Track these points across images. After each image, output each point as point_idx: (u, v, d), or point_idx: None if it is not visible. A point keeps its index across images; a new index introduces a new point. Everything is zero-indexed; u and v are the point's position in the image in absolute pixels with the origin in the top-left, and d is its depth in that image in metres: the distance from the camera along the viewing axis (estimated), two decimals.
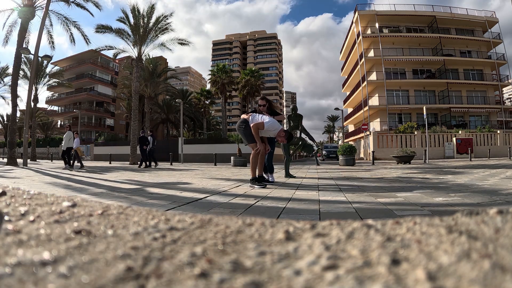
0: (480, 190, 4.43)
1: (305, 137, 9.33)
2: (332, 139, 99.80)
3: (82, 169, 13.71)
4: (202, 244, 0.77)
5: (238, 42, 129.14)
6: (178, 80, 60.05)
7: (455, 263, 0.59)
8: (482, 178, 6.61)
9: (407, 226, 0.85)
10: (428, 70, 42.09)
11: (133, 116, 23.38)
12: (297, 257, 0.67)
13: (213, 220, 0.99)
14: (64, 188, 5.57)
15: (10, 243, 0.78)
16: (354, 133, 48.27)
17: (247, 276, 0.57)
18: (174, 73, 55.55)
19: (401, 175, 8.27)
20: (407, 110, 40.55)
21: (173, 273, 0.59)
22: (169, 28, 24.36)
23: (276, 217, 2.78)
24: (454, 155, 25.11)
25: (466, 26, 42.51)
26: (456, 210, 2.87)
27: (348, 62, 51.84)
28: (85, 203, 1.28)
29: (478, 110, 40.11)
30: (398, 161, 17.27)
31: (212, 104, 53.78)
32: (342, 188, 5.22)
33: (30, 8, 18.44)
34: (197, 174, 9.81)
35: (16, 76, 18.82)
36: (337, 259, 0.64)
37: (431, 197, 3.89)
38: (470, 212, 0.92)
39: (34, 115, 32.64)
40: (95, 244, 0.77)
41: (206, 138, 34.66)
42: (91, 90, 59.11)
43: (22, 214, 1.10)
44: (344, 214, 2.95)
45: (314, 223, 0.92)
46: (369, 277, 0.55)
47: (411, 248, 0.69)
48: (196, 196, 4.30)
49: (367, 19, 43.42)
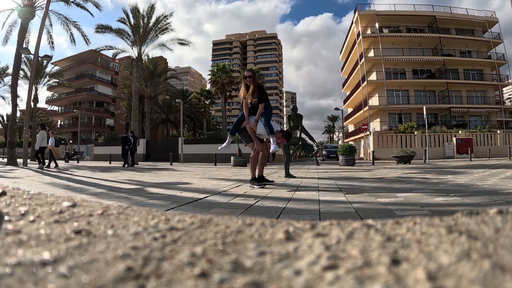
0: (480, 190, 4.43)
1: (305, 137, 9.33)
2: (332, 139, 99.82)
3: (56, 168, 13.67)
4: (202, 244, 0.77)
5: (238, 42, 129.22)
6: (178, 80, 60.06)
7: (455, 263, 0.59)
8: (482, 178, 6.61)
9: (407, 226, 0.85)
10: (428, 70, 42.10)
11: (133, 116, 23.41)
12: (297, 257, 0.67)
13: (213, 220, 0.99)
14: (64, 188, 5.56)
15: (10, 243, 0.78)
16: (354, 133, 48.28)
17: (247, 276, 0.57)
18: (174, 73, 55.62)
19: (401, 175, 8.27)
20: (407, 110, 40.55)
21: (173, 273, 0.59)
22: (169, 28, 24.42)
23: (276, 217, 2.78)
24: (454, 155, 25.11)
25: (466, 26, 42.51)
26: (456, 210, 2.87)
27: (348, 62, 51.84)
28: (85, 203, 1.28)
29: (478, 110, 40.11)
30: (398, 161, 17.27)
31: (212, 104, 53.70)
32: (342, 188, 5.22)
33: (30, 8, 18.46)
34: (197, 174, 9.81)
35: (16, 76, 18.84)
36: (337, 259, 0.64)
37: (431, 197, 3.89)
38: (470, 212, 0.92)
39: (34, 115, 32.65)
40: (95, 244, 0.77)
41: (206, 138, 34.63)
42: (91, 90, 59.10)
43: (22, 214, 1.10)
44: (344, 214, 2.95)
45: (314, 223, 0.92)
46: (369, 277, 0.55)
47: (411, 248, 0.69)
48: (196, 196, 4.30)
49: (367, 19, 43.42)
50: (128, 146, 17.61)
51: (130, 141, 17.80)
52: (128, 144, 17.65)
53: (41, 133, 14.14)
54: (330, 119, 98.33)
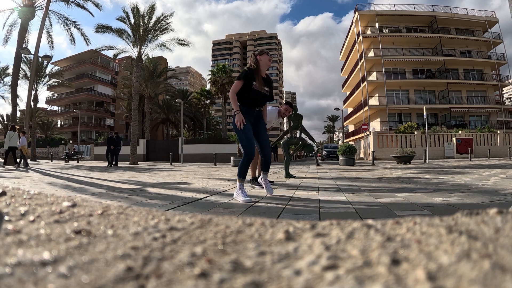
0: (480, 190, 4.43)
1: (305, 137, 9.32)
2: (332, 139, 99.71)
3: (27, 168, 13.64)
4: (202, 244, 0.76)
5: (238, 42, 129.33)
6: (178, 80, 60.08)
7: (455, 263, 0.58)
8: (482, 178, 6.61)
9: (407, 226, 0.84)
10: (428, 70, 42.11)
11: (133, 116, 23.36)
12: (297, 257, 0.67)
13: (213, 220, 0.99)
14: (64, 188, 5.56)
15: (10, 243, 0.78)
16: (354, 133, 48.28)
17: (247, 276, 0.57)
18: (174, 73, 55.53)
19: (401, 175, 8.27)
20: (407, 110, 40.56)
21: (173, 273, 0.59)
22: (169, 28, 24.34)
23: (276, 217, 2.78)
24: (454, 155, 25.10)
25: (466, 26, 42.52)
26: (456, 210, 2.87)
27: (348, 62, 51.84)
28: (85, 203, 1.28)
29: (478, 110, 40.12)
30: (398, 161, 17.26)
31: (212, 104, 53.65)
32: (342, 188, 5.22)
33: (30, 8, 18.50)
34: (197, 174, 9.81)
35: (16, 76, 18.87)
36: (337, 259, 0.64)
37: (431, 197, 3.89)
38: (470, 212, 0.92)
39: (34, 115, 32.61)
40: (95, 244, 0.77)
41: (206, 138, 34.69)
42: (91, 90, 59.11)
43: (22, 214, 1.09)
44: (344, 214, 2.95)
45: (314, 223, 0.92)
46: (369, 277, 0.55)
47: (411, 248, 0.69)
48: (196, 196, 4.30)
49: (367, 19, 43.42)
50: (114, 146, 17.94)
51: (115, 142, 18.12)
52: (114, 144, 18.00)
53: (8, 133, 14.00)
54: (330, 119, 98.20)
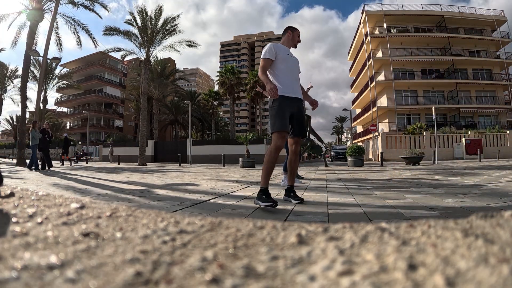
0: (490, 192, 4.38)
1: (313, 138, 9.30)
2: (341, 140, 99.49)
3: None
4: (213, 248, 0.75)
5: (246, 43, 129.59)
6: (186, 82, 60.21)
7: (473, 268, 0.57)
8: (491, 179, 6.54)
9: (422, 229, 0.83)
10: (436, 70, 41.80)
11: (142, 117, 23.48)
12: (311, 261, 0.66)
13: (223, 223, 0.97)
14: (72, 189, 5.59)
15: (17, 246, 0.77)
16: (363, 134, 48.08)
17: (260, 282, 0.56)
18: (182, 75, 55.85)
19: (410, 176, 8.21)
20: (415, 110, 40.32)
21: (184, 278, 0.58)
22: (177, 29, 24.44)
23: (284, 219, 2.76)
24: (463, 156, 24.89)
25: (475, 26, 42.18)
26: (466, 212, 2.83)
27: (356, 63, 51.67)
28: (94, 204, 1.28)
29: (487, 110, 39.74)
30: (407, 162, 17.15)
31: (220, 105, 53.86)
32: (351, 190, 5.19)
33: (39, 11, 18.64)
34: (205, 175, 9.82)
35: (26, 78, 19.03)
36: (352, 264, 0.63)
37: (440, 198, 3.85)
38: (485, 215, 0.90)
39: (43, 116, 32.94)
40: (104, 248, 0.76)
41: (214, 139, 34.72)
42: (100, 91, 59.62)
43: (30, 215, 1.09)
44: (353, 216, 2.92)
45: (326, 226, 0.90)
46: (386, 283, 0.53)
47: (427, 252, 0.67)
48: (204, 197, 4.29)
49: (375, 19, 43.25)
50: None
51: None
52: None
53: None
54: (338, 120, 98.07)
